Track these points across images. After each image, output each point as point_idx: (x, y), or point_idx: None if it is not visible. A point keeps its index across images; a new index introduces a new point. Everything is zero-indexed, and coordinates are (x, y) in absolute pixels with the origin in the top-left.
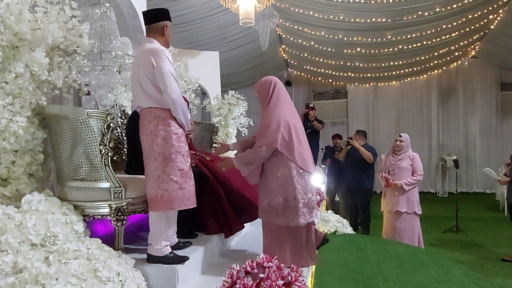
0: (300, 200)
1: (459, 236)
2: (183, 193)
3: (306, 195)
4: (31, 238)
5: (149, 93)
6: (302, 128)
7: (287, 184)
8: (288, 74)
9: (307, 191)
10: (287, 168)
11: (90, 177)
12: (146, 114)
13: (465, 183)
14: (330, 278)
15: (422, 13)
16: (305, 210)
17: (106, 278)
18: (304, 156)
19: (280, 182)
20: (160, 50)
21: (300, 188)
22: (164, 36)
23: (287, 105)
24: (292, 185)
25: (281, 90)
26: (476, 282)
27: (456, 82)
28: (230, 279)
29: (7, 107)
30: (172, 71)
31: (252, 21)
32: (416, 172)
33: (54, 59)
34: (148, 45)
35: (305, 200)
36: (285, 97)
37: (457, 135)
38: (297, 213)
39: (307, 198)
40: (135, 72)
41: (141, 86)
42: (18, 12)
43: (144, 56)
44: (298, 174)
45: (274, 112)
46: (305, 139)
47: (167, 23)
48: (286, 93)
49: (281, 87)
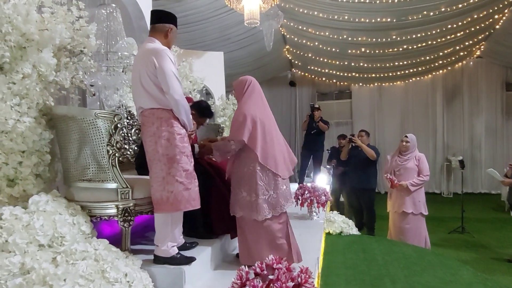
0: (260, 196)
1: (464, 236)
2: (189, 193)
3: (267, 192)
4: (38, 239)
5: (151, 93)
6: (273, 128)
7: (251, 179)
8: (292, 74)
9: (269, 188)
10: (253, 164)
11: (97, 177)
12: (148, 115)
13: (470, 183)
14: (337, 279)
15: (427, 13)
16: (265, 206)
17: (114, 279)
18: (270, 154)
19: (246, 177)
20: (162, 50)
21: (262, 185)
22: (167, 39)
23: (258, 103)
24: (255, 180)
25: (255, 88)
26: (483, 283)
27: (461, 82)
28: (240, 281)
29: (15, 107)
30: (174, 71)
31: (257, 21)
32: (422, 173)
33: (61, 59)
34: (149, 44)
35: (266, 197)
36: (258, 95)
37: (462, 136)
38: (256, 208)
39: (268, 195)
40: (136, 72)
41: (143, 86)
42: (25, 12)
43: (146, 55)
44: (262, 171)
45: (243, 107)
46: (279, 139)
47: (172, 27)
48: (260, 93)
49: (255, 86)
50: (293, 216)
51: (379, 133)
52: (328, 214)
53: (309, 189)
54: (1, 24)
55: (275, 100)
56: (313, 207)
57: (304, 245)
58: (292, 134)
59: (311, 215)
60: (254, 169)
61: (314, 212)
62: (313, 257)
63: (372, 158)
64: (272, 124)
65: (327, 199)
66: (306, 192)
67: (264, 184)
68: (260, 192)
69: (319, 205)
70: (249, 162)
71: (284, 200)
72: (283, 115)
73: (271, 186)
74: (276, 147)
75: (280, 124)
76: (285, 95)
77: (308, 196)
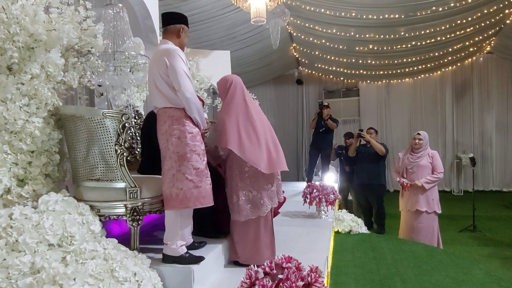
0: (241, 197)
1: (476, 235)
2: (198, 191)
3: (251, 192)
4: (48, 239)
5: (164, 92)
6: (260, 126)
7: (232, 181)
8: (299, 72)
9: (252, 189)
10: (234, 166)
11: (105, 177)
12: (161, 114)
13: (481, 181)
14: (346, 278)
15: (436, 8)
16: (248, 207)
17: (123, 278)
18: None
19: (233, 180)
20: (173, 50)
21: (244, 186)
22: (180, 38)
23: (240, 104)
24: (236, 182)
25: (237, 88)
26: (497, 283)
27: (471, 78)
28: (249, 280)
29: (23, 108)
30: (185, 70)
31: (263, 19)
32: (436, 170)
33: (69, 59)
34: (162, 46)
35: (249, 197)
36: (240, 96)
37: (472, 132)
38: (238, 209)
39: (252, 195)
40: (150, 73)
41: (156, 86)
42: (33, 13)
43: (159, 56)
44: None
45: (223, 113)
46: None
47: (183, 26)
48: (242, 92)
49: (237, 86)
50: (301, 215)
51: (387, 131)
52: (337, 213)
53: (318, 187)
54: (9, 25)
55: (282, 99)
56: (321, 205)
57: (313, 244)
58: (299, 132)
59: (320, 213)
60: (234, 170)
61: (322, 211)
62: (322, 256)
63: (381, 153)
64: (258, 123)
65: (336, 197)
66: (314, 191)
67: (246, 185)
68: (240, 193)
69: (327, 203)
70: (231, 165)
71: (269, 199)
72: (290, 113)
73: (254, 186)
74: (263, 147)
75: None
76: (292, 93)
77: (316, 194)
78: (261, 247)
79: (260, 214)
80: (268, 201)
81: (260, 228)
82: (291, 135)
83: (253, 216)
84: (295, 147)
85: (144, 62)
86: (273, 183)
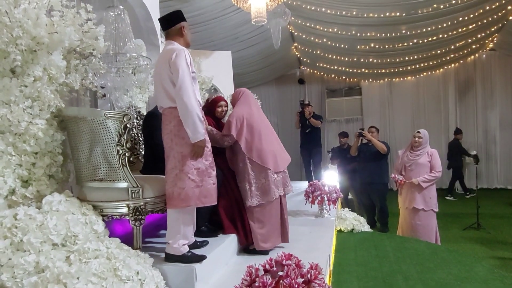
0: (253, 184)
1: (480, 233)
2: (199, 191)
3: (260, 180)
4: (52, 238)
5: (169, 92)
6: (263, 127)
7: (245, 171)
8: (300, 72)
9: (260, 177)
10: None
11: (108, 177)
12: (167, 114)
13: (485, 179)
14: (348, 276)
15: (437, 5)
16: (258, 193)
17: (126, 277)
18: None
19: (241, 170)
20: (179, 49)
21: (253, 175)
22: (184, 36)
23: (247, 107)
24: (247, 171)
25: (247, 97)
26: (501, 280)
27: (474, 75)
28: (249, 277)
29: (27, 110)
30: (188, 71)
31: (264, 20)
32: (434, 169)
33: (71, 62)
34: (168, 46)
35: (258, 185)
36: (248, 102)
37: (476, 130)
38: (251, 194)
39: (261, 183)
40: (157, 74)
41: (163, 86)
42: (35, 16)
43: (164, 56)
44: (251, 163)
45: (233, 112)
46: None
47: (183, 23)
48: (250, 100)
49: (248, 95)
50: (304, 213)
51: (390, 129)
52: (339, 212)
53: (320, 186)
54: (12, 28)
55: (284, 98)
56: (324, 204)
57: (315, 243)
58: None
59: (322, 212)
60: (245, 162)
61: (325, 210)
62: (324, 254)
63: (382, 152)
64: (262, 124)
65: (338, 196)
66: (316, 190)
67: (255, 174)
68: (252, 181)
69: (329, 202)
70: (242, 159)
71: (275, 187)
72: (292, 113)
73: (262, 175)
74: (264, 143)
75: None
76: (294, 93)
77: (318, 193)
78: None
79: (269, 199)
80: (274, 188)
81: (272, 211)
82: (293, 134)
83: (263, 201)
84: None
85: (145, 64)
86: (281, 174)
